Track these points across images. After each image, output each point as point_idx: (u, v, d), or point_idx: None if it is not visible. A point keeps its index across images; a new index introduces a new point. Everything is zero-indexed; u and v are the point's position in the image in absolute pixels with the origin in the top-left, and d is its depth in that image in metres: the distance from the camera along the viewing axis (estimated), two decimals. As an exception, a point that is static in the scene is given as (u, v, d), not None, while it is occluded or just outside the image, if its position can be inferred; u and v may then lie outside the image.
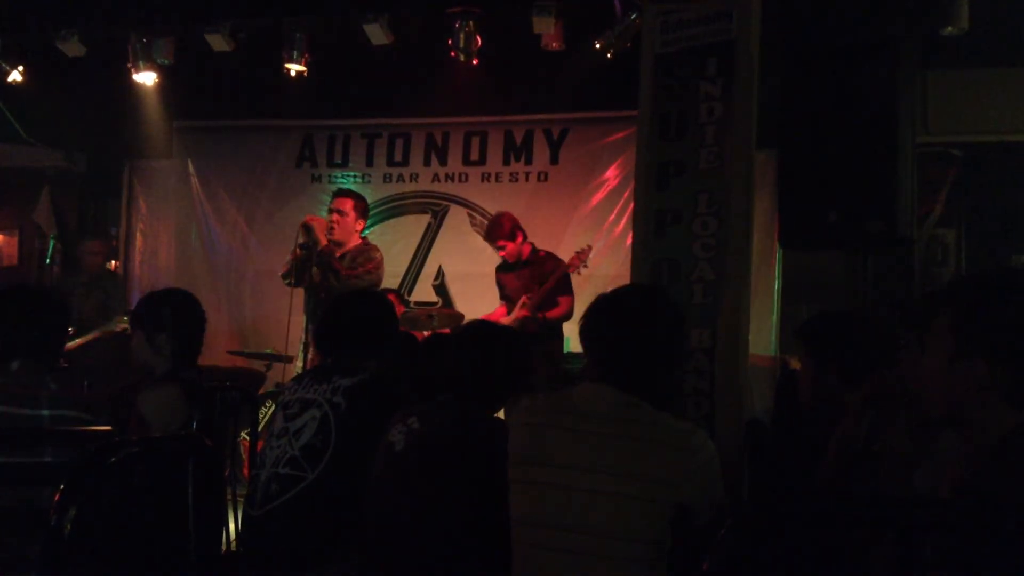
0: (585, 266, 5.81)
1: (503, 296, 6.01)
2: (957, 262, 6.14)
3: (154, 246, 8.15)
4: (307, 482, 2.85)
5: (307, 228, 5.41)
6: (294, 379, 3.38)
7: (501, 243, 5.84)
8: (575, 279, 5.83)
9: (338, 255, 5.40)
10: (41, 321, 2.78)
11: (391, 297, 6.53)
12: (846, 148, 3.78)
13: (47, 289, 2.94)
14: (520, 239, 5.86)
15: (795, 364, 3.52)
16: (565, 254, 6.09)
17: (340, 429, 2.88)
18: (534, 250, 5.92)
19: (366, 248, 5.51)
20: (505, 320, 5.66)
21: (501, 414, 2.84)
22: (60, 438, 2.52)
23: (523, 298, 5.74)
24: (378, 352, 3.17)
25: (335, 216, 5.48)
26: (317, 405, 2.95)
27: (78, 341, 6.55)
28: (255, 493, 2.96)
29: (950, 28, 5.00)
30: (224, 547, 3.28)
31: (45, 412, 2.53)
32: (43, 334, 2.78)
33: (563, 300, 5.73)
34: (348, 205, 5.51)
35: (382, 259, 5.50)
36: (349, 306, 3.36)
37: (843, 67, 3.87)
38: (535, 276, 5.79)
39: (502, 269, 6.03)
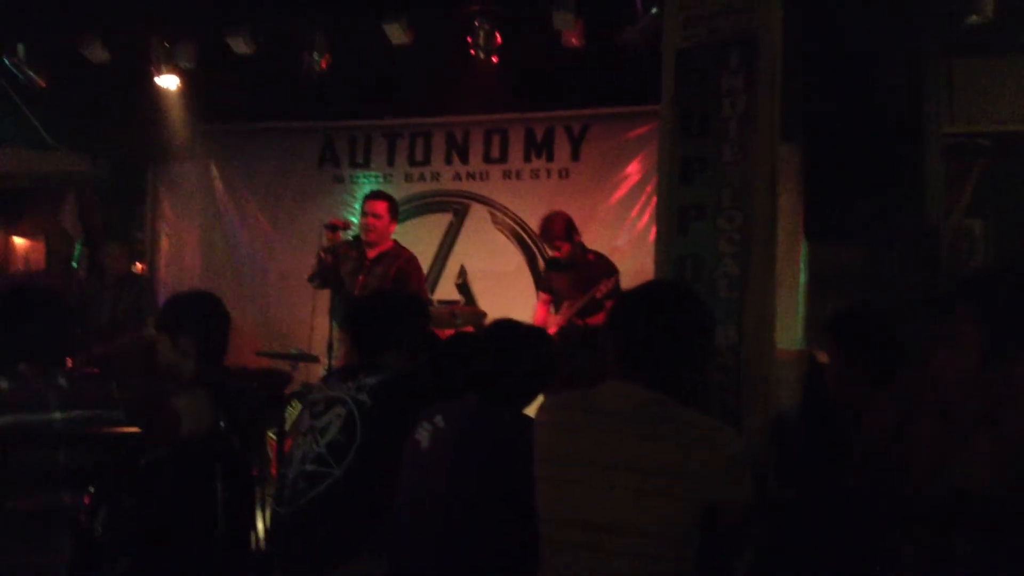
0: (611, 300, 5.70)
1: (550, 293, 5.99)
2: (985, 253, 6.06)
3: (179, 248, 8.20)
4: (333, 478, 2.87)
5: (331, 230, 5.44)
6: (321, 379, 3.39)
7: (558, 243, 5.81)
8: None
9: (371, 256, 5.43)
10: (44, 321, 2.75)
11: None
12: (871, 140, 3.75)
13: (49, 289, 2.90)
14: (577, 238, 5.81)
15: (822, 358, 3.49)
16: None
17: (365, 425, 2.90)
18: (584, 250, 5.88)
19: (403, 254, 5.54)
20: (551, 319, 5.65)
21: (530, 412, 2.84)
22: (90, 439, 2.51)
23: (567, 302, 5.71)
24: (410, 351, 3.19)
25: (371, 220, 5.50)
26: (342, 403, 2.97)
27: (108, 345, 6.62)
28: (283, 491, 2.98)
29: (974, 16, 4.94)
30: (254, 546, 3.30)
31: (57, 415, 2.49)
32: (47, 334, 2.74)
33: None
34: (383, 208, 5.54)
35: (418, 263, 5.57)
36: (377, 305, 3.38)
37: (867, 58, 3.84)
38: (581, 279, 5.72)
39: (551, 267, 6.02)
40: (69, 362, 3.06)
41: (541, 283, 6.15)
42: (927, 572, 1.57)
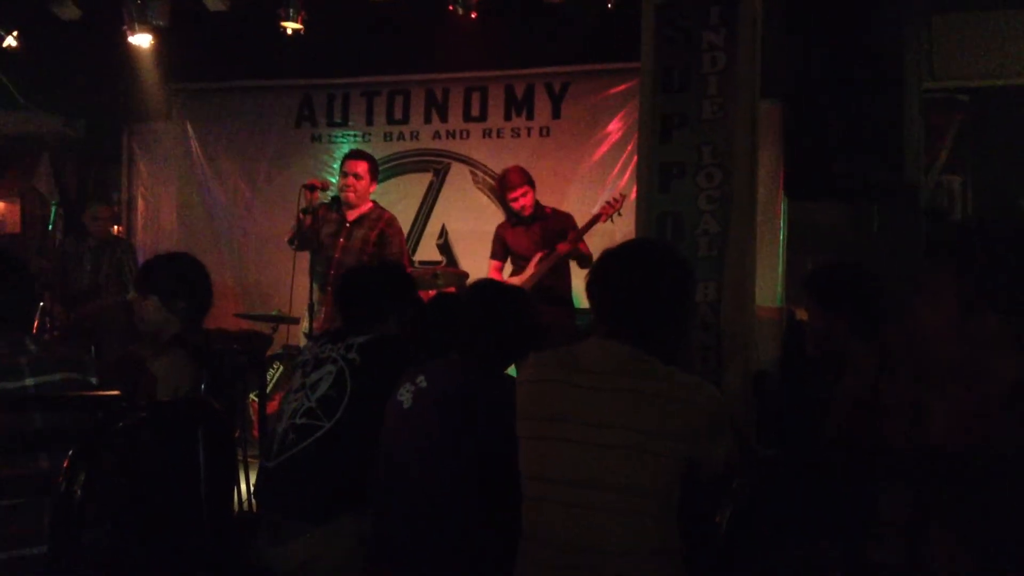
0: (619, 214, 5.64)
1: (509, 255, 5.86)
2: (963, 209, 6.10)
3: (156, 210, 8.13)
4: (323, 431, 2.89)
5: (309, 190, 5.39)
6: (310, 340, 3.40)
7: (517, 193, 5.62)
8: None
9: (351, 218, 5.39)
10: (10, 287, 2.61)
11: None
12: (851, 96, 3.74)
13: (10, 253, 2.79)
14: (532, 191, 5.69)
15: (802, 315, 3.52)
16: (571, 208, 6.05)
17: (355, 381, 2.93)
18: (539, 206, 5.83)
19: (384, 216, 5.48)
20: (515, 280, 5.58)
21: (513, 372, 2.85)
22: (68, 402, 2.49)
23: (537, 256, 5.65)
24: (399, 324, 3.23)
25: (350, 179, 5.42)
26: (332, 361, 3.01)
27: (88, 307, 6.58)
28: (271, 445, 3.02)
29: (955, -29, 4.92)
30: (236, 508, 3.31)
31: (30, 381, 2.42)
32: (13, 300, 2.62)
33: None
34: (363, 168, 5.46)
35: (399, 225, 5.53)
36: (369, 280, 3.40)
37: (847, 13, 3.82)
38: (548, 233, 5.64)
39: (510, 225, 5.84)
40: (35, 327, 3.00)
41: (494, 248, 5.90)
42: (906, 527, 1.59)
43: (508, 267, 5.93)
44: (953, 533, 1.40)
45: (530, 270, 5.62)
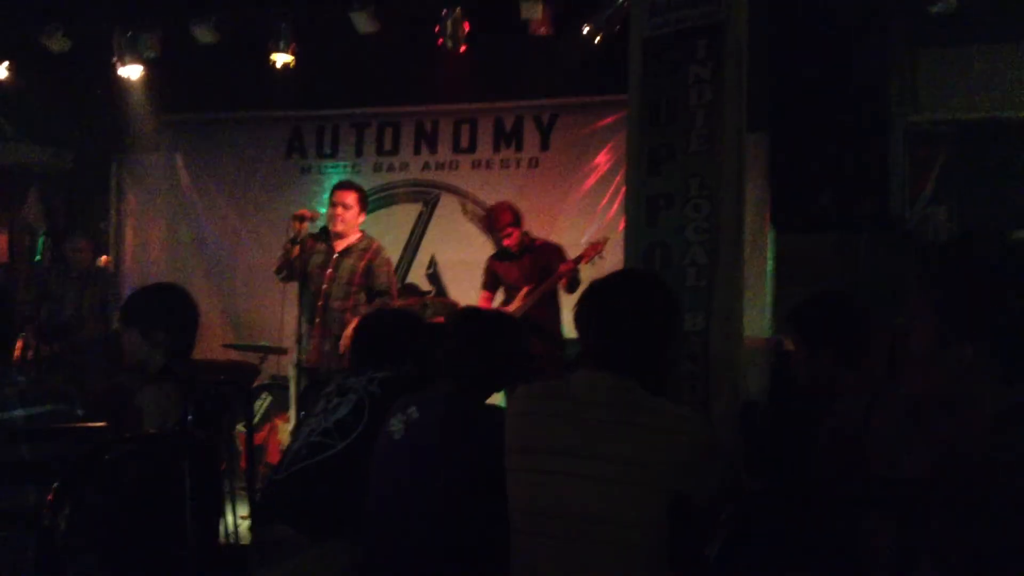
0: (601, 256, 5.68)
1: (501, 285, 5.94)
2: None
3: (144, 241, 8.10)
4: (334, 450, 2.93)
5: (298, 220, 5.40)
6: (334, 376, 3.49)
7: (508, 231, 5.73)
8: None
9: (339, 249, 5.39)
10: None
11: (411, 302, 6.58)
12: (837, 128, 3.78)
13: None
14: (519, 229, 5.79)
15: (790, 346, 3.52)
16: (560, 239, 6.08)
17: (372, 411, 2.96)
18: (531, 238, 5.87)
19: (372, 246, 5.48)
20: (507, 311, 5.63)
21: (501, 401, 2.85)
22: (53, 435, 2.47)
23: (524, 288, 5.70)
24: (415, 360, 3.27)
25: (339, 210, 5.43)
26: (354, 391, 3.07)
27: (73, 338, 6.54)
28: (283, 460, 3.07)
29: (939, 5, 4.98)
30: (223, 540, 3.29)
31: (19, 412, 2.41)
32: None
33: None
34: (352, 198, 5.47)
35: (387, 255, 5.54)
36: (391, 329, 3.47)
37: (833, 47, 3.87)
38: (536, 265, 5.71)
39: (500, 257, 5.93)
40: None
41: (485, 279, 6.00)
42: (893, 560, 1.59)
43: (500, 297, 5.96)
44: (939, 566, 1.40)
45: (517, 303, 5.68)
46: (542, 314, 5.64)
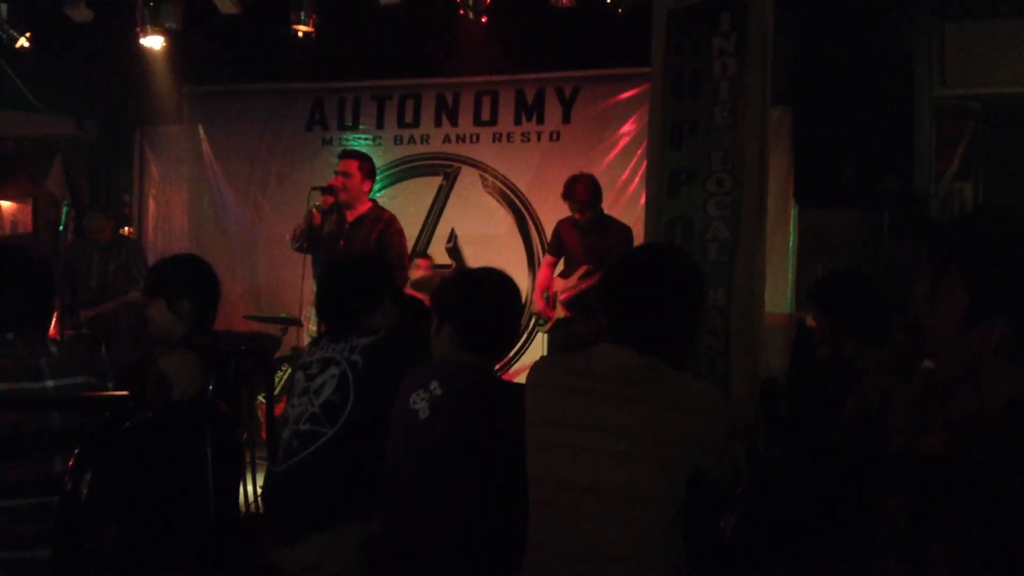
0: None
1: (563, 252, 5.88)
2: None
3: (167, 212, 8.16)
4: (327, 437, 2.87)
5: (327, 192, 5.39)
6: (312, 342, 3.38)
7: (583, 209, 5.66)
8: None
9: (351, 220, 5.38)
10: (28, 285, 2.59)
11: (423, 262, 6.53)
12: (862, 103, 3.74)
13: (26, 251, 2.75)
14: (591, 211, 5.69)
15: (811, 322, 3.50)
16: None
17: (358, 386, 2.90)
18: (601, 217, 5.77)
19: (384, 216, 5.44)
20: (560, 283, 5.61)
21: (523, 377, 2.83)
22: (75, 404, 2.49)
23: (583, 268, 5.66)
24: (377, 315, 3.16)
25: (341, 179, 5.41)
26: (336, 363, 2.97)
27: (98, 308, 6.60)
28: (278, 451, 3.00)
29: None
30: (243, 509, 3.32)
31: (50, 383, 2.42)
32: (32, 298, 2.59)
33: None
34: (353, 166, 5.43)
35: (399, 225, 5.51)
36: (342, 274, 3.35)
37: (859, 20, 3.81)
38: (600, 246, 5.64)
39: (571, 224, 5.82)
40: (53, 327, 3.00)
41: (551, 243, 5.97)
42: (907, 536, 1.58)
43: (560, 267, 5.96)
44: (953, 543, 1.39)
45: (573, 279, 5.70)
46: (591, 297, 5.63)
